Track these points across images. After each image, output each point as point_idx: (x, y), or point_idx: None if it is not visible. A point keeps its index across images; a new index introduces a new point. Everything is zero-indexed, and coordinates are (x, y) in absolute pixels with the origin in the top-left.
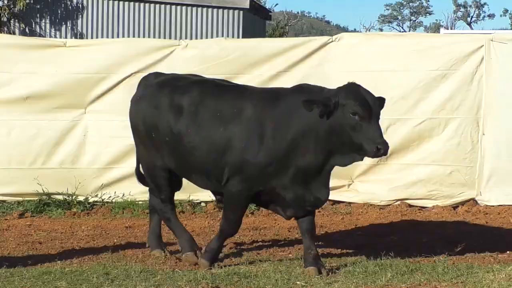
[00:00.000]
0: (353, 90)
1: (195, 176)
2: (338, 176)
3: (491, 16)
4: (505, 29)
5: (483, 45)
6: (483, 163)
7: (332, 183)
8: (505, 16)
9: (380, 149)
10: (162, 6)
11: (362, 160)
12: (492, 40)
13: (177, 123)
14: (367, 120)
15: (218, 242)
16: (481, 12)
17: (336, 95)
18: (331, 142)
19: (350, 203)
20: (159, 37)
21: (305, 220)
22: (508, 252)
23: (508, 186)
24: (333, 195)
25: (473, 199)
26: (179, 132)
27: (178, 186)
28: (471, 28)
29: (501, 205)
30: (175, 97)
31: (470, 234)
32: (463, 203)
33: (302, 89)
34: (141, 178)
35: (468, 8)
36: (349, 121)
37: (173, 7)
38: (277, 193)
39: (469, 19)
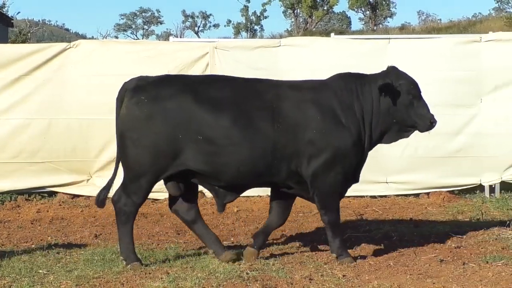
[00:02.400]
0: (400, 72)
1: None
2: (77, 172)
3: (216, 26)
4: (228, 38)
5: (208, 52)
6: None
7: (72, 178)
8: (229, 26)
9: (433, 123)
10: None
11: (408, 136)
12: (216, 48)
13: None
14: (418, 98)
15: (337, 236)
16: (207, 22)
17: (387, 77)
18: (387, 122)
19: (89, 196)
20: None
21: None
22: (232, 239)
23: None
24: (73, 190)
25: (201, 192)
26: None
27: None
28: (198, 37)
29: None
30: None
31: None
32: None
33: (351, 75)
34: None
35: (196, 19)
36: (405, 100)
37: None
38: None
39: (196, 28)
